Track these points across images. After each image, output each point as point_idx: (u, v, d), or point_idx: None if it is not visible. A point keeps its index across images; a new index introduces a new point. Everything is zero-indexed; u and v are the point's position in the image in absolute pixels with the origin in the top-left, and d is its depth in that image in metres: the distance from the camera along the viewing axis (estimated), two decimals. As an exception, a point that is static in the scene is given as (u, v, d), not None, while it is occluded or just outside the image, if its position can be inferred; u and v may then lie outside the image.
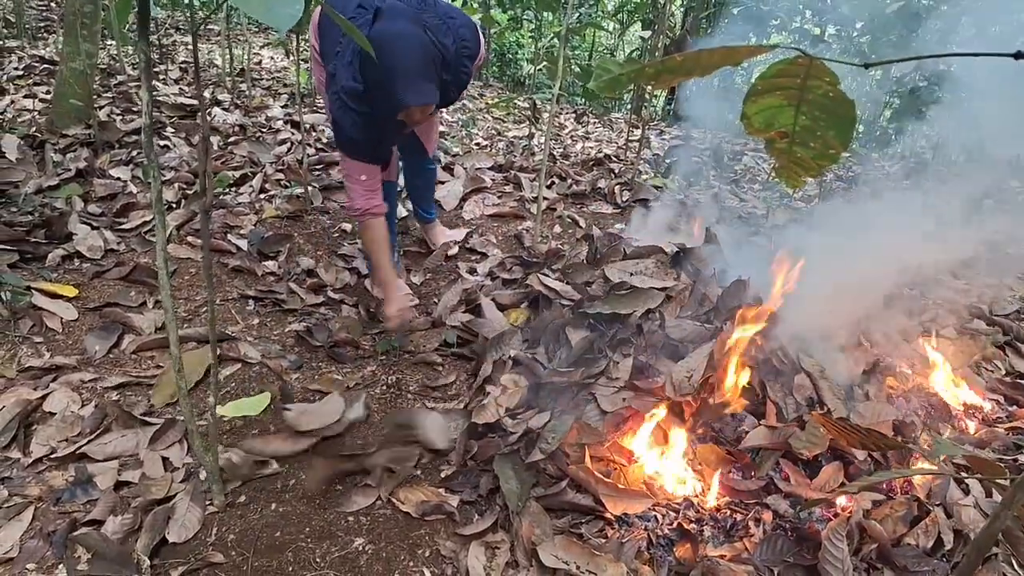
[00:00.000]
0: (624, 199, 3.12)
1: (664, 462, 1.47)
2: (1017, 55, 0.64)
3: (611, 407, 1.52)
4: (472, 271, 2.32)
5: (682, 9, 6.17)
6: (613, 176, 3.49)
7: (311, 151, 3.33)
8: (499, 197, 3.07)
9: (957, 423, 1.75)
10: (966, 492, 1.49)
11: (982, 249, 2.65)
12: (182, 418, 1.56)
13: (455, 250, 2.56)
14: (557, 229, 2.81)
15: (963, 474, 1.45)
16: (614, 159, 4.25)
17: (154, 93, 3.78)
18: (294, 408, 1.62)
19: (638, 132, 4.57)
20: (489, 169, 3.41)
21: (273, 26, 0.90)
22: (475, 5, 7.77)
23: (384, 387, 1.84)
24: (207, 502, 1.38)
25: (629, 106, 5.71)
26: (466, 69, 1.87)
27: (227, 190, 2.78)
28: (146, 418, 1.59)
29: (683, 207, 2.90)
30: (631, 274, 1.80)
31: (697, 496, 1.42)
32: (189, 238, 2.40)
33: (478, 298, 2.06)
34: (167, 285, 1.23)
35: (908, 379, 1.79)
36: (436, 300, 2.25)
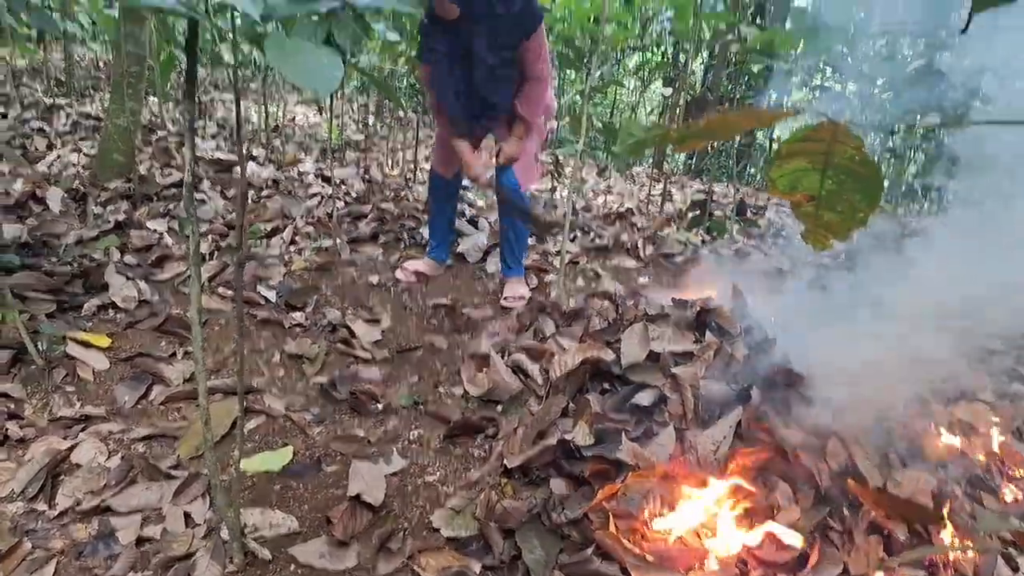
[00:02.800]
0: (647, 253, 3.14)
1: (693, 533, 1.43)
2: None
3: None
4: (492, 334, 2.32)
5: (702, 67, 6.31)
6: (636, 230, 3.51)
7: (340, 204, 3.41)
8: (526, 249, 3.10)
9: (1001, 494, 1.68)
10: (1015, 569, 1.42)
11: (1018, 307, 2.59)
12: (206, 472, 1.56)
13: (515, 304, 2.58)
14: (580, 283, 2.83)
15: (1011, 550, 1.38)
16: (636, 213, 4.29)
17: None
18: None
19: (660, 186, 4.62)
20: (513, 222, 3.45)
21: (313, 90, 0.94)
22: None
23: (406, 442, 1.83)
24: (227, 559, 1.36)
25: (651, 160, 5.80)
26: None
27: (259, 242, 2.85)
28: (171, 471, 1.59)
29: (707, 262, 2.90)
30: (653, 338, 1.78)
31: (729, 569, 1.37)
32: (220, 289, 2.45)
33: (497, 356, 2.06)
34: (199, 337, 1.25)
35: (947, 445, 1.73)
36: (460, 355, 2.25)
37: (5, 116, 4.08)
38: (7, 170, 3.13)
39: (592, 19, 3.92)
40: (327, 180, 3.78)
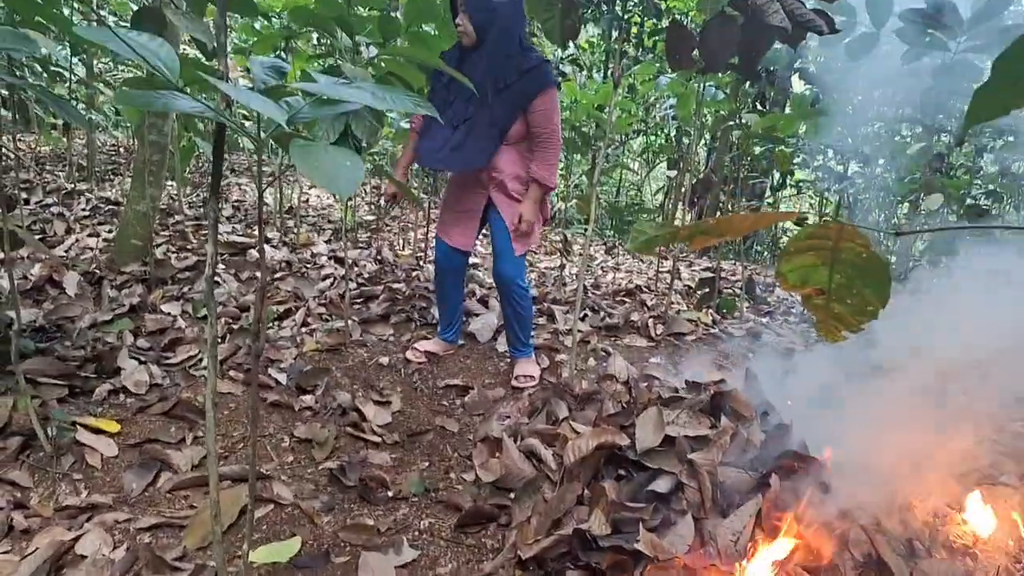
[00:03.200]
0: (658, 332, 3.14)
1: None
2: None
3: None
4: (504, 417, 2.29)
5: (705, 148, 6.51)
6: (646, 309, 3.53)
7: (353, 285, 3.46)
8: (533, 329, 3.11)
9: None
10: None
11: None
12: (213, 563, 1.52)
13: (526, 385, 2.58)
14: (591, 362, 2.82)
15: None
16: (645, 290, 4.32)
17: (207, 232, 4.06)
18: None
19: (668, 263, 4.67)
20: (523, 302, 3.48)
21: (336, 193, 0.98)
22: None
23: (417, 532, 1.79)
24: (230, 660, 1.31)
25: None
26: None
27: (271, 324, 2.88)
28: (176, 563, 1.55)
29: (718, 341, 2.89)
30: (668, 422, 1.77)
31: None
32: (231, 372, 2.46)
33: (510, 440, 2.03)
34: (212, 431, 1.25)
35: (972, 532, 1.67)
36: (471, 438, 2.22)
37: (27, 202, 4.22)
38: (26, 254, 3.21)
39: (597, 106, 4.08)
40: (340, 261, 3.85)
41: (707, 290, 3.79)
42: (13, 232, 1.90)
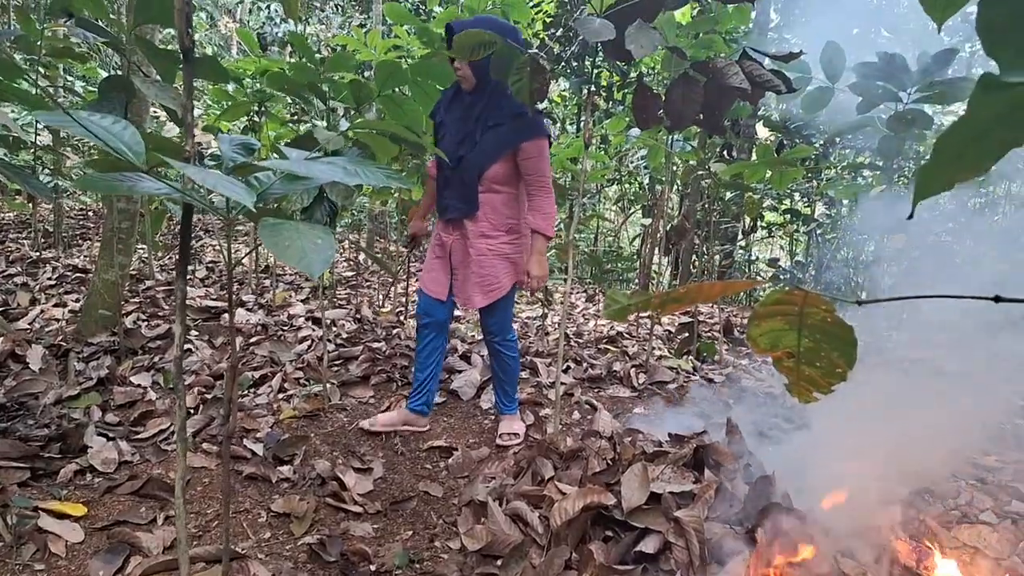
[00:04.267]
0: (640, 382, 3.13)
1: None
2: (996, 299, 0.68)
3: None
4: (489, 479, 2.25)
5: (678, 195, 6.65)
6: (628, 358, 3.52)
7: (331, 347, 3.42)
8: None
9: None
10: None
11: (1008, 421, 2.58)
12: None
13: (510, 442, 2.55)
14: (576, 416, 2.79)
15: None
16: (626, 336, 4.33)
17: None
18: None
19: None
20: (504, 356, 3.46)
21: (307, 273, 0.97)
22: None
23: (400, 608, 1.72)
24: None
25: (636, 284, 5.94)
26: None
27: (246, 392, 2.82)
28: (145, 658, 1.47)
29: (699, 389, 2.89)
30: (653, 479, 1.74)
31: None
32: (204, 445, 2.39)
33: (495, 504, 1.99)
34: (183, 516, 1.21)
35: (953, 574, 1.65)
36: (456, 503, 2.17)
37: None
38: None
39: (571, 159, 4.16)
40: (317, 322, 3.81)
41: (686, 335, 3.81)
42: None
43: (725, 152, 3.84)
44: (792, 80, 2.14)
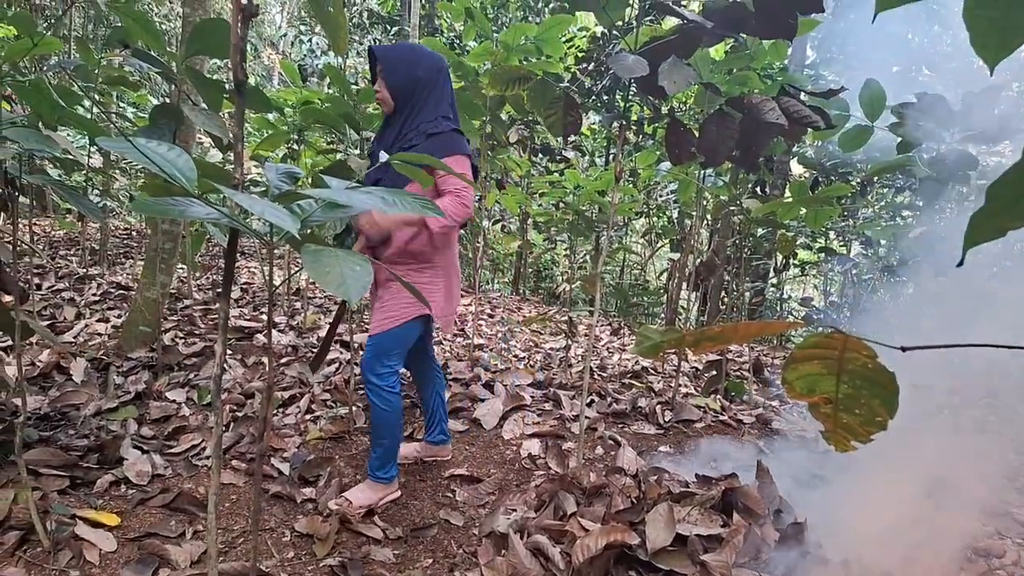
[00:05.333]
0: (666, 419, 3.09)
1: None
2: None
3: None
4: (509, 510, 2.23)
5: (707, 230, 6.63)
6: (653, 394, 3.49)
7: (357, 370, 3.45)
8: (539, 415, 3.08)
9: None
10: None
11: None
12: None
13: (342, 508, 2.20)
14: (599, 451, 2.76)
15: None
16: (651, 371, 4.29)
17: (215, 317, 4.10)
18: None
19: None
20: (529, 386, 3.46)
21: (345, 298, 1.00)
22: (513, 230, 8.53)
23: (419, 637, 1.71)
24: None
25: (662, 319, 5.90)
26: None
27: (276, 411, 2.86)
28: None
29: (728, 429, 2.84)
30: (679, 520, 1.72)
31: None
32: (234, 462, 2.42)
33: (516, 537, 1.97)
34: (214, 529, 1.22)
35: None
36: (476, 533, 2.16)
37: (40, 287, 4.30)
38: (35, 341, 3.24)
39: (599, 191, 4.19)
40: (345, 345, 3.86)
41: (714, 373, 3.76)
42: (24, 322, 1.92)
43: (758, 188, 3.82)
44: (831, 117, 2.14)
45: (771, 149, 3.62)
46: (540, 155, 7.76)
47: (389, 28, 11.32)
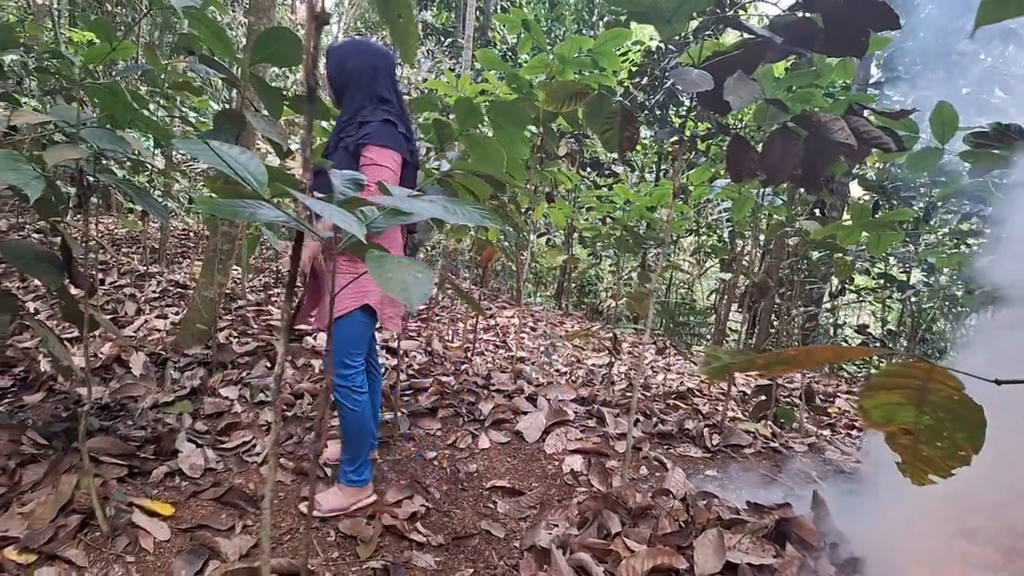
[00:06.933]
0: (714, 443, 3.02)
1: None
2: None
3: None
4: (551, 525, 2.20)
5: (759, 251, 6.49)
6: (701, 416, 3.41)
7: (403, 377, 3.48)
8: (582, 431, 3.04)
9: None
10: None
11: None
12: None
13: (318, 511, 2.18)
14: (644, 471, 2.71)
15: None
16: (697, 393, 4.20)
17: (267, 318, 4.20)
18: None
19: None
20: (572, 401, 3.43)
21: (408, 304, 1.01)
22: (558, 243, 8.53)
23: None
24: None
25: (708, 339, 5.79)
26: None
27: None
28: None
29: (779, 456, 2.75)
30: (729, 547, 1.66)
31: None
32: (282, 460, 2.46)
33: (559, 553, 1.94)
34: (268, 526, 1.24)
35: None
36: (518, 546, 2.14)
37: (103, 282, 4.48)
38: (98, 334, 3.37)
39: (650, 208, 4.14)
40: (391, 351, 3.90)
41: (764, 398, 3.65)
42: (91, 315, 2.00)
43: (816, 210, 3.72)
44: (902, 139, 2.07)
45: (832, 169, 3.52)
46: (588, 169, 7.74)
47: (443, 40, 11.52)
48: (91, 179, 2.04)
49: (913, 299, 4.73)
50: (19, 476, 2.06)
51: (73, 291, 2.33)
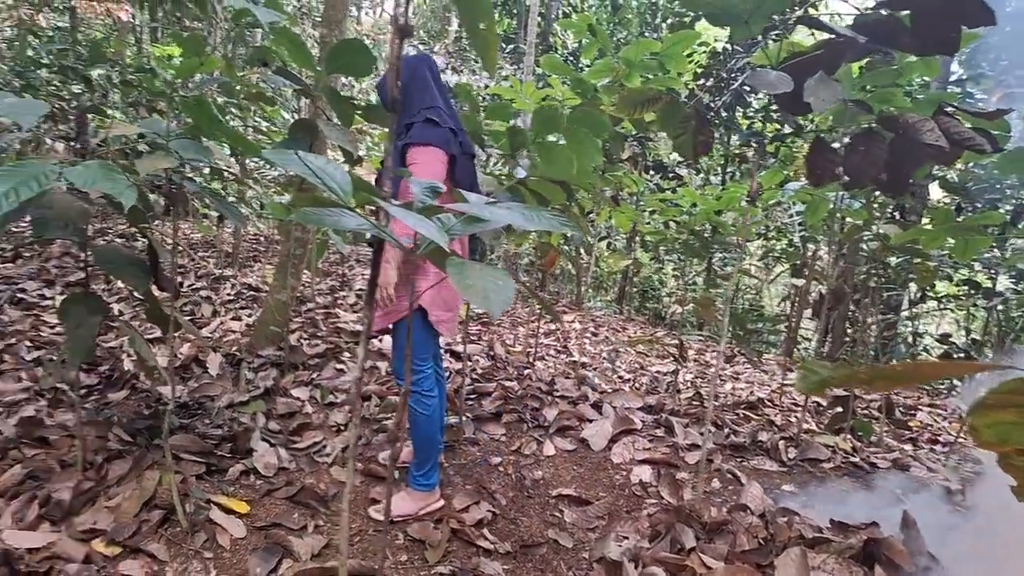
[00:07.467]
0: (790, 457, 2.90)
1: None
2: None
3: None
4: (621, 537, 2.16)
5: (831, 256, 6.22)
6: (775, 428, 3.29)
7: (468, 381, 3.50)
8: (650, 441, 2.98)
9: None
10: None
11: None
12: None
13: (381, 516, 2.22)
14: (716, 484, 2.63)
15: None
16: (767, 403, 4.06)
17: (334, 321, 4.30)
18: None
19: (792, 375, 4.39)
20: (638, 409, 3.37)
21: (489, 311, 1.00)
22: (619, 247, 8.44)
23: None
24: None
25: (778, 348, 5.59)
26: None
27: (391, 415, 2.94)
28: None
29: (861, 473, 2.62)
30: (813, 567, 1.59)
31: None
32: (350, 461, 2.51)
33: (631, 566, 1.90)
34: (346, 527, 1.26)
35: None
36: (586, 557, 2.11)
37: (181, 285, 4.69)
38: (178, 334, 3.53)
39: (717, 212, 4.04)
40: (455, 355, 3.93)
41: (840, 409, 3.49)
42: (175, 317, 2.09)
43: (897, 213, 3.55)
44: (997, 140, 1.94)
45: (917, 173, 3.35)
46: (651, 171, 7.63)
47: (505, 46, 11.59)
48: (178, 186, 2.14)
49: (1000, 307, 4.44)
50: (106, 471, 2.17)
51: (157, 294, 2.44)
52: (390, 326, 2.21)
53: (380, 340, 3.95)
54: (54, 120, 5.67)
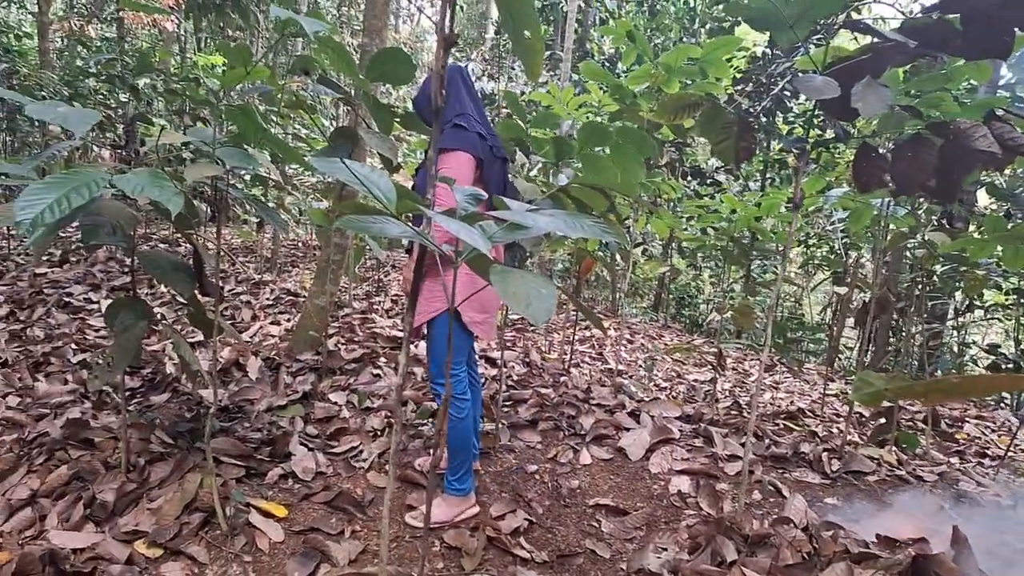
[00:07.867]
0: (834, 469, 2.82)
1: None
2: None
3: None
4: (659, 549, 2.12)
5: (873, 264, 6.06)
6: (817, 440, 3.21)
7: (504, 387, 3.50)
8: (688, 451, 2.94)
9: None
10: None
11: None
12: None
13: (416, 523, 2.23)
14: (757, 496, 2.58)
15: None
16: (808, 414, 3.97)
17: (371, 326, 4.35)
18: None
19: (833, 385, 4.29)
20: (676, 419, 3.32)
21: (531, 320, 1.00)
22: (655, 254, 8.36)
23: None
24: None
25: (819, 357, 5.45)
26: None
27: (427, 421, 2.96)
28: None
29: (908, 486, 2.53)
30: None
31: None
32: (387, 466, 2.53)
33: None
34: (387, 534, 1.27)
35: None
36: (624, 568, 2.08)
37: (222, 289, 4.80)
38: (220, 338, 3.60)
39: (757, 218, 3.97)
40: (491, 362, 3.93)
41: (884, 421, 3.39)
42: (218, 321, 2.14)
43: (944, 221, 3.44)
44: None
45: (966, 179, 3.24)
46: (689, 177, 7.54)
47: (540, 53, 11.60)
48: (223, 193, 2.18)
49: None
50: (148, 473, 2.22)
51: (200, 298, 2.50)
52: (424, 331, 2.22)
53: (416, 345, 3.98)
54: (101, 128, 5.88)
